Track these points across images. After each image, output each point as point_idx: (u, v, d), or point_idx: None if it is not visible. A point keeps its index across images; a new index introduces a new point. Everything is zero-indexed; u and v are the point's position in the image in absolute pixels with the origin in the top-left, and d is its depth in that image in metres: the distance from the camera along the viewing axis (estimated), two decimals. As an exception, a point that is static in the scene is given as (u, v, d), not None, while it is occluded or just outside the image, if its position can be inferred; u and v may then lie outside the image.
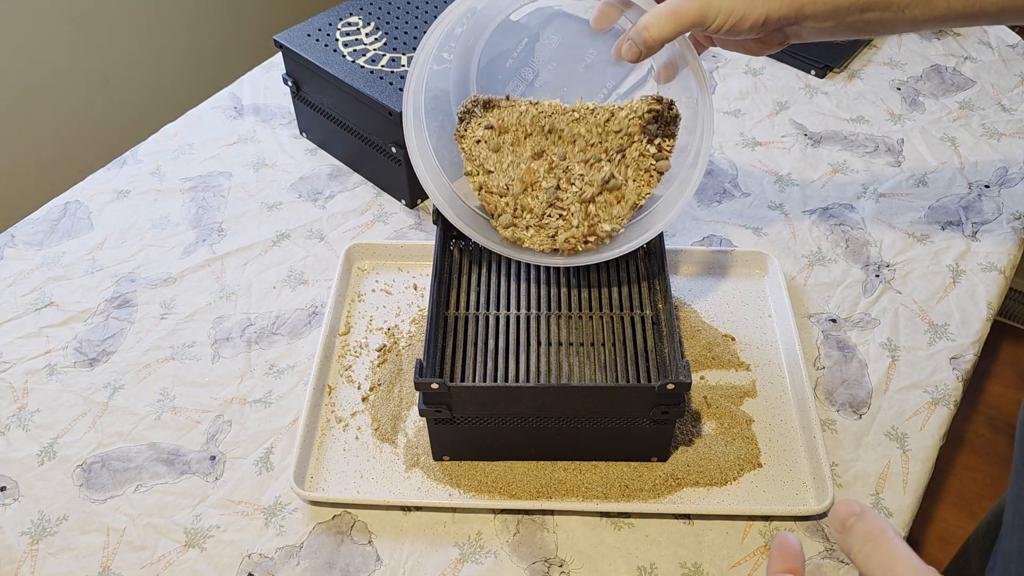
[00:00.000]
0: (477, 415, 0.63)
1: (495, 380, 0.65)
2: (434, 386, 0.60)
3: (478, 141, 0.69)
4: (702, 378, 0.74)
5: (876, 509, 0.65)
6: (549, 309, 0.70)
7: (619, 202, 0.68)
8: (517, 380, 0.65)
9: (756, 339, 0.77)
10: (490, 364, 0.66)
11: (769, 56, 1.09)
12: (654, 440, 0.65)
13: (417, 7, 0.93)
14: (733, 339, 0.77)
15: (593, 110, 0.69)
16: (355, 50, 0.87)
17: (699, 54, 0.65)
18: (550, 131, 0.68)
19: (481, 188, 0.69)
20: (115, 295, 0.82)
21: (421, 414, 0.62)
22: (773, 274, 0.80)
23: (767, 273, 0.82)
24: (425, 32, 0.89)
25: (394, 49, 0.87)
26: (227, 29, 1.78)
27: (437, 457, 0.67)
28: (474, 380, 0.65)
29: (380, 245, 0.83)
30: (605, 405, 0.62)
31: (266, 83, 1.06)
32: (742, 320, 0.78)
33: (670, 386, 0.59)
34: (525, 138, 0.69)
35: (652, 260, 0.74)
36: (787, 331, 0.75)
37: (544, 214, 0.68)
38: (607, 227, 0.67)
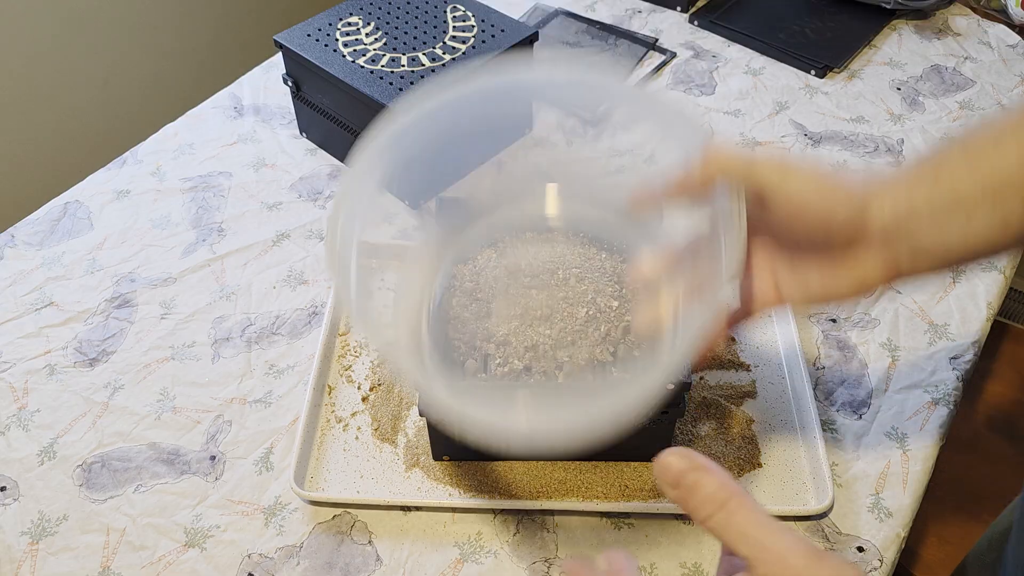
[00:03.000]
0: None
1: None
2: None
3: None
4: (702, 378, 0.74)
5: (876, 509, 0.65)
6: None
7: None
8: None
9: (756, 339, 0.77)
10: None
11: (769, 56, 1.09)
12: (654, 440, 0.65)
13: (417, 7, 0.93)
14: (733, 339, 0.77)
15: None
16: (355, 50, 0.87)
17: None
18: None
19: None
20: (115, 295, 0.82)
21: (421, 414, 0.62)
22: (773, 274, 0.80)
23: (767, 273, 0.82)
24: (424, 34, 0.89)
25: (394, 49, 0.87)
26: (227, 29, 1.78)
27: (437, 457, 0.67)
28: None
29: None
30: None
31: (266, 83, 1.06)
32: (742, 320, 0.78)
33: (670, 386, 0.59)
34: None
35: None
36: (787, 331, 0.75)
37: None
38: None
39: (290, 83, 0.92)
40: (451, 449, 0.67)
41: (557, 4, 1.17)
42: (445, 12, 0.92)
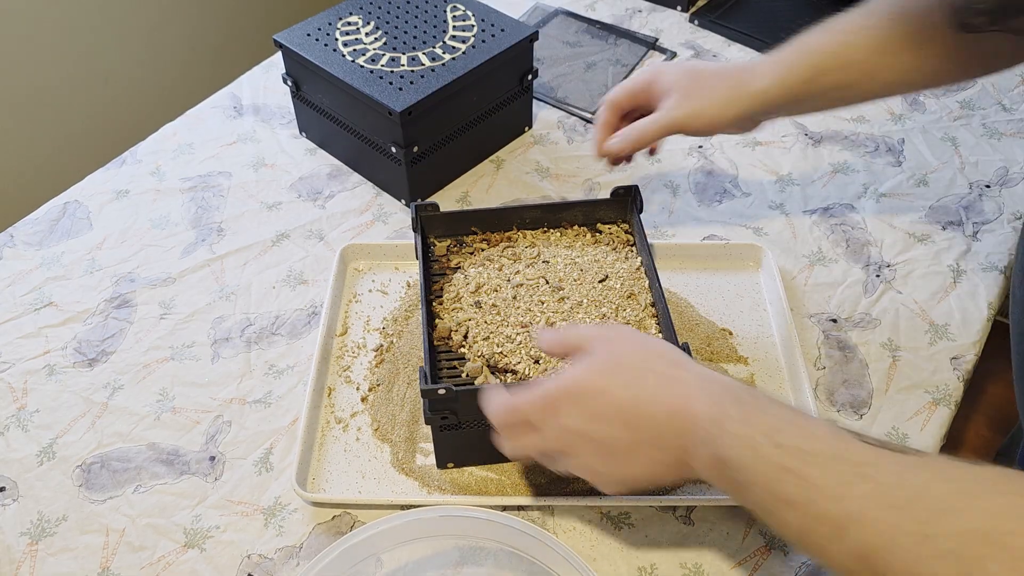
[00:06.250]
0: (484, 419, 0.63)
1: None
2: (441, 392, 0.60)
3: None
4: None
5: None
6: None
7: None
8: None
9: (753, 332, 0.77)
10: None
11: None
12: None
13: (417, 7, 0.93)
14: (731, 333, 0.77)
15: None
16: (355, 50, 0.87)
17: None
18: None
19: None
20: (114, 295, 0.82)
21: (427, 422, 0.62)
22: (767, 267, 0.80)
23: (761, 266, 0.82)
24: (424, 34, 0.89)
25: (394, 49, 0.87)
26: (227, 29, 1.78)
27: (441, 465, 0.67)
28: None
29: (375, 245, 0.83)
30: None
31: (266, 83, 1.06)
32: (738, 313, 0.78)
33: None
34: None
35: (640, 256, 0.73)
36: (783, 324, 0.75)
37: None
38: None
39: (290, 83, 0.92)
40: (457, 456, 0.66)
41: (557, 4, 1.17)
42: (445, 12, 0.92)
